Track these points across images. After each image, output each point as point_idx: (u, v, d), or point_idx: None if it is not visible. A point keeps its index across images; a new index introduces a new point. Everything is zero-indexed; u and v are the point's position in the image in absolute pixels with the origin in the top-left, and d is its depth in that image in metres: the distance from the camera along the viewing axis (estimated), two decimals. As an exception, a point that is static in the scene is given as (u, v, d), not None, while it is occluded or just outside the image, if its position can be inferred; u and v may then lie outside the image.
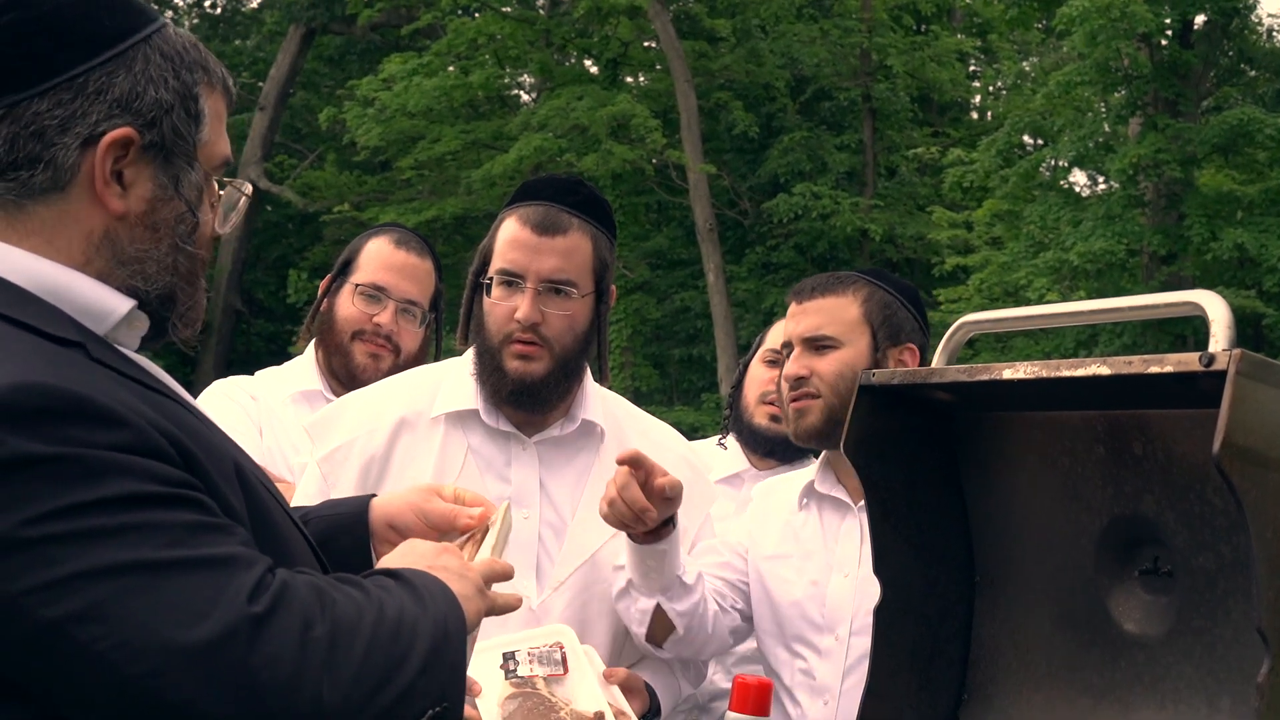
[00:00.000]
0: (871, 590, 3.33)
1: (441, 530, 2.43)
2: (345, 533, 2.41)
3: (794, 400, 3.47)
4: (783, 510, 3.63)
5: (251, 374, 4.28)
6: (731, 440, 4.46)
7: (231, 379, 4.22)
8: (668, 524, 3.14)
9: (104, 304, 1.96)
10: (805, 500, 3.60)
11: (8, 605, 1.68)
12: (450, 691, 1.93)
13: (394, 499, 2.48)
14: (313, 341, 4.23)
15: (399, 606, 1.92)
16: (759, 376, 4.38)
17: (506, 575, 2.24)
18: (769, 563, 3.56)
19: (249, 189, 2.19)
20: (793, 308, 3.54)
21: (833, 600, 3.45)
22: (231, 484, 1.93)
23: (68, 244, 1.95)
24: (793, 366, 3.47)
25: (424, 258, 4.19)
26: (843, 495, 3.54)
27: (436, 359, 4.16)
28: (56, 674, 1.70)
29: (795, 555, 3.54)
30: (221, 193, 2.14)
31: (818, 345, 3.46)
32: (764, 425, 4.31)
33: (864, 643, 3.32)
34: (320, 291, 4.21)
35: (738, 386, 4.50)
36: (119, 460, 1.75)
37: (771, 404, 4.26)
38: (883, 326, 3.45)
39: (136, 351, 2.07)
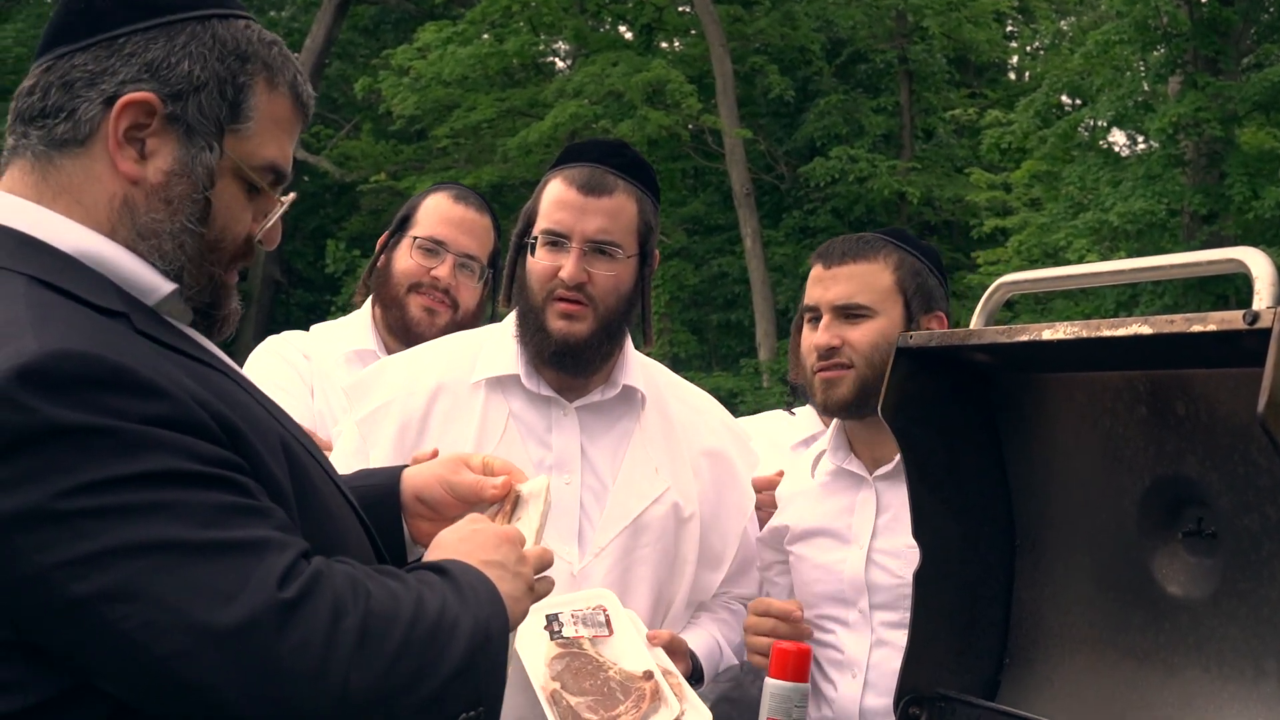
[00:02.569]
0: (886, 563, 3.32)
1: (469, 502, 2.41)
2: (376, 506, 2.38)
3: (823, 370, 3.39)
4: (800, 483, 3.60)
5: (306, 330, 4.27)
6: (806, 408, 4.42)
7: (285, 335, 4.19)
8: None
9: (147, 280, 1.97)
10: (816, 471, 3.55)
11: (38, 578, 1.68)
12: (488, 695, 1.93)
13: (422, 471, 2.45)
14: (369, 299, 4.20)
15: (440, 604, 1.90)
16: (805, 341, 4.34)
17: (550, 564, 2.24)
18: (794, 544, 3.54)
19: (288, 199, 2.18)
20: (819, 271, 3.46)
21: (851, 573, 3.41)
22: (278, 459, 1.92)
23: (94, 204, 1.97)
24: (823, 336, 3.39)
25: (483, 214, 4.18)
26: (856, 468, 3.47)
27: (493, 318, 4.15)
28: (85, 648, 1.71)
29: (815, 530, 3.51)
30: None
31: (850, 314, 3.39)
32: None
33: (885, 615, 3.32)
34: (378, 247, 4.19)
35: (794, 352, 4.45)
36: (155, 435, 1.74)
37: None
38: (916, 294, 3.39)
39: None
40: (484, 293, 4.19)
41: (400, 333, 4.07)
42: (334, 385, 3.96)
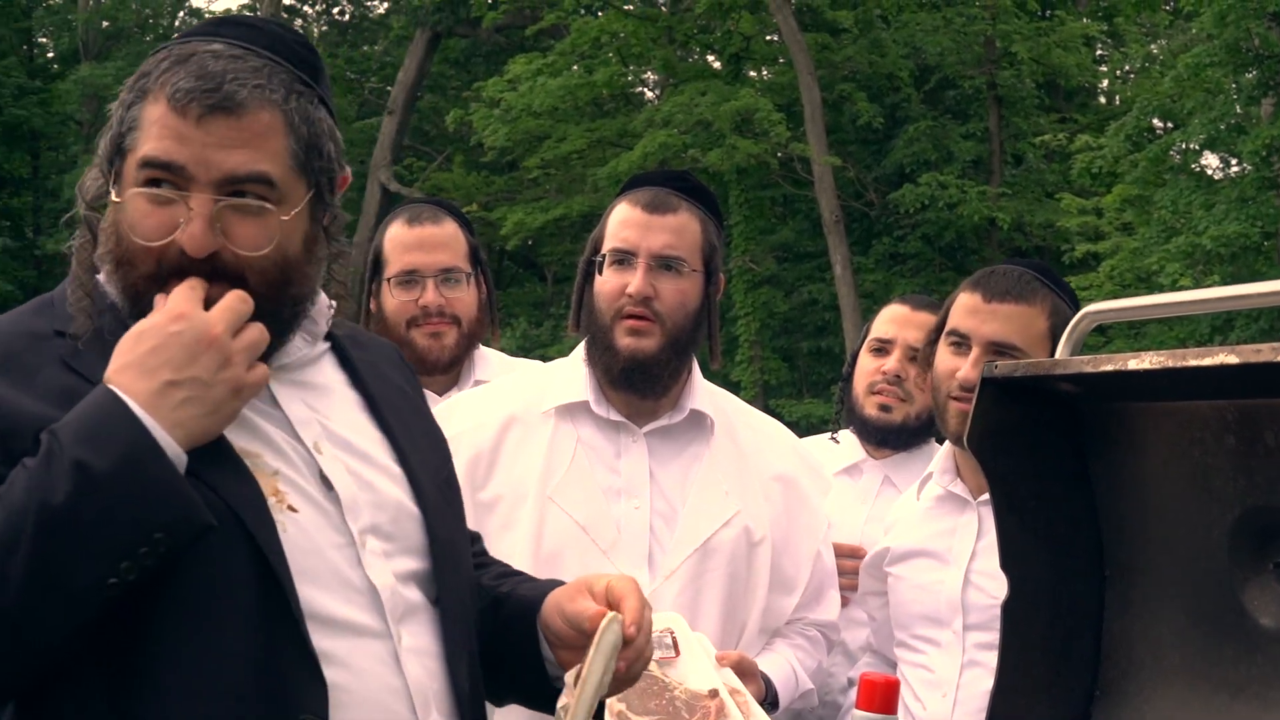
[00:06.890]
0: (983, 584, 3.32)
1: (580, 629, 2.30)
2: (520, 619, 2.36)
3: (964, 402, 3.34)
4: (906, 506, 3.67)
5: None
6: (846, 433, 4.42)
7: None
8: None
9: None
10: (923, 493, 3.59)
11: None
12: (156, 522, 1.88)
13: (558, 593, 2.37)
14: None
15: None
16: (866, 367, 4.29)
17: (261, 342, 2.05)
18: (894, 565, 3.60)
19: (195, 202, 2.07)
20: (976, 302, 3.43)
21: (949, 594, 3.44)
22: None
23: None
24: (972, 372, 3.33)
25: (442, 223, 4.14)
26: (961, 491, 3.50)
27: (492, 314, 4.17)
28: None
29: (916, 551, 3.55)
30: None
31: (1002, 353, 3.36)
32: (874, 416, 4.23)
33: (978, 637, 3.32)
34: (365, 296, 4.19)
35: (848, 379, 4.42)
36: None
37: (880, 394, 4.20)
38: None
39: None
40: (481, 293, 4.18)
41: (417, 364, 4.08)
42: None
